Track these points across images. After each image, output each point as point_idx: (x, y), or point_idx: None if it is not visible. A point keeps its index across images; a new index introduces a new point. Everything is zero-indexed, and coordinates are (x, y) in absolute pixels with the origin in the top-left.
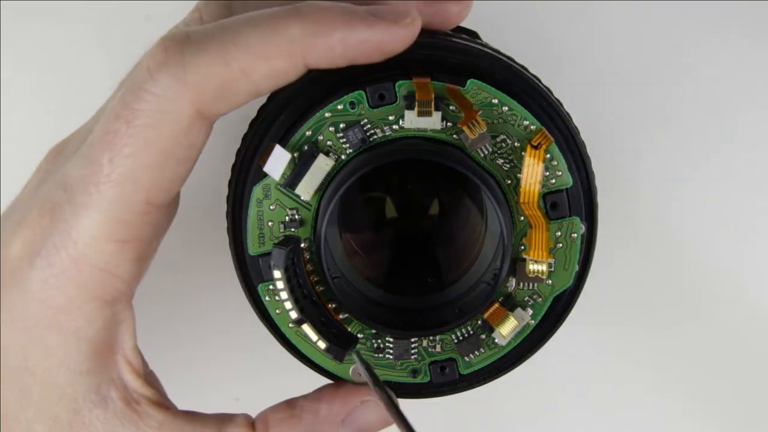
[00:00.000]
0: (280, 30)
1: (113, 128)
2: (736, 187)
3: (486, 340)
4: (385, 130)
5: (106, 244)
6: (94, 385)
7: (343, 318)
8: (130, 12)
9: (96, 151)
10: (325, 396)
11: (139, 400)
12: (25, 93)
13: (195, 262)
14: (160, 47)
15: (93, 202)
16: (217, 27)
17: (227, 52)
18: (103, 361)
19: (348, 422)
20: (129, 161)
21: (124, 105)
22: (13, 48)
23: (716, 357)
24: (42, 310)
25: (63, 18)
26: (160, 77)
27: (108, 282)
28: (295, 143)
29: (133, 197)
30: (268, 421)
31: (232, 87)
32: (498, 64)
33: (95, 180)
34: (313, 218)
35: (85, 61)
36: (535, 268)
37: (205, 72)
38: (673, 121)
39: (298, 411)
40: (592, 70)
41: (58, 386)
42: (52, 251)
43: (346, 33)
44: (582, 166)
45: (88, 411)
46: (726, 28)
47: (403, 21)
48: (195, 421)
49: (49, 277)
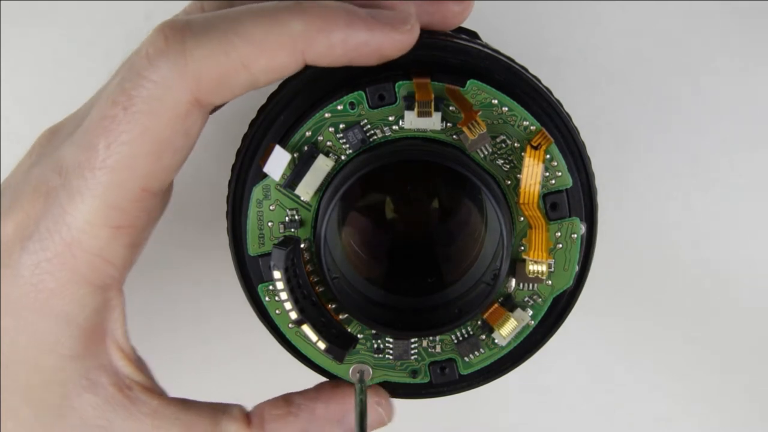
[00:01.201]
0: (283, 23)
1: (111, 114)
2: (737, 187)
3: (486, 340)
4: (385, 131)
5: (100, 230)
6: (84, 370)
7: (343, 318)
8: (130, 12)
9: (92, 136)
10: (322, 395)
11: (131, 385)
12: (25, 93)
13: (195, 263)
14: (160, 34)
15: (88, 187)
16: (219, 16)
17: (229, 42)
18: (93, 346)
19: (344, 422)
20: (126, 148)
21: (122, 91)
22: (13, 48)
23: (717, 357)
24: (33, 294)
25: (63, 18)
26: (159, 64)
27: (101, 268)
28: (295, 144)
29: (129, 184)
30: (264, 416)
31: (231, 77)
32: (498, 65)
33: (91, 165)
34: (313, 219)
35: (85, 61)
36: (535, 268)
37: (206, 61)
38: (673, 121)
39: (295, 408)
40: (592, 70)
41: (47, 370)
42: (45, 235)
43: (347, 33)
44: (582, 167)
45: (78, 396)
46: (726, 28)
47: (403, 27)
48: (189, 409)
49: (42, 261)
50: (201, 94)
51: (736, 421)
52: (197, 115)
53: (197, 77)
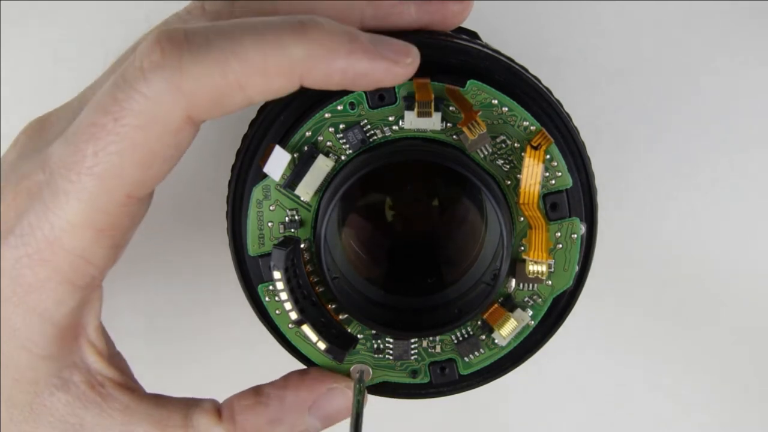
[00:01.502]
0: (283, 48)
1: (101, 122)
2: (737, 187)
3: (486, 340)
4: (384, 131)
5: (83, 232)
6: (56, 369)
7: (343, 318)
8: (130, 12)
9: (80, 140)
10: (291, 383)
11: (103, 382)
12: (25, 93)
13: (195, 263)
14: (157, 46)
15: (73, 190)
16: (218, 32)
17: (226, 63)
18: (66, 345)
19: (314, 409)
20: (114, 158)
21: (113, 100)
22: (13, 48)
23: (717, 357)
24: (12, 287)
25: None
26: (153, 79)
27: (82, 268)
28: (295, 144)
29: (115, 191)
30: (233, 408)
31: (226, 97)
32: (498, 65)
33: (77, 169)
34: (312, 219)
35: (85, 61)
36: (535, 268)
37: (202, 81)
38: (673, 121)
39: (264, 398)
40: (592, 70)
41: (18, 368)
42: (27, 230)
43: (348, 63)
44: (582, 167)
45: (50, 394)
46: (726, 28)
47: (404, 61)
48: (161, 405)
49: (23, 256)
50: (194, 112)
51: (736, 421)
52: (189, 129)
53: (191, 96)
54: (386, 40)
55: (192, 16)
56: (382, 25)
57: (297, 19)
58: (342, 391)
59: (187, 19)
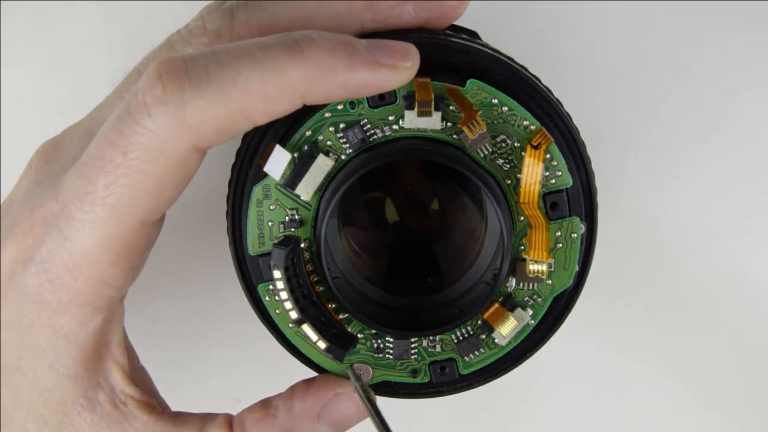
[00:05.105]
0: (281, 72)
1: (109, 156)
2: (737, 187)
3: (486, 340)
4: (385, 130)
5: (100, 257)
6: (83, 390)
7: (343, 318)
8: (130, 12)
9: (92, 173)
10: (297, 392)
11: (126, 401)
12: (25, 93)
13: (195, 263)
14: (158, 82)
15: (88, 219)
16: (217, 62)
17: (227, 93)
18: (91, 366)
19: (323, 416)
20: (125, 190)
21: (120, 134)
22: (13, 48)
23: (717, 356)
24: (36, 311)
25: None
26: (157, 114)
27: (101, 290)
28: (295, 143)
29: (128, 219)
30: (244, 422)
31: (230, 125)
32: (498, 64)
33: (90, 200)
34: (313, 218)
35: (85, 61)
36: (535, 268)
37: (205, 113)
38: (673, 121)
39: (272, 410)
40: (592, 70)
41: (47, 388)
42: (47, 257)
43: (347, 77)
44: (582, 166)
45: (77, 414)
46: (726, 28)
47: (404, 65)
48: (179, 423)
49: (45, 282)
50: (199, 141)
51: (736, 421)
52: (196, 156)
53: (196, 127)
54: (385, 45)
55: (193, 35)
56: (382, 26)
57: (293, 39)
58: (349, 396)
59: (188, 38)
